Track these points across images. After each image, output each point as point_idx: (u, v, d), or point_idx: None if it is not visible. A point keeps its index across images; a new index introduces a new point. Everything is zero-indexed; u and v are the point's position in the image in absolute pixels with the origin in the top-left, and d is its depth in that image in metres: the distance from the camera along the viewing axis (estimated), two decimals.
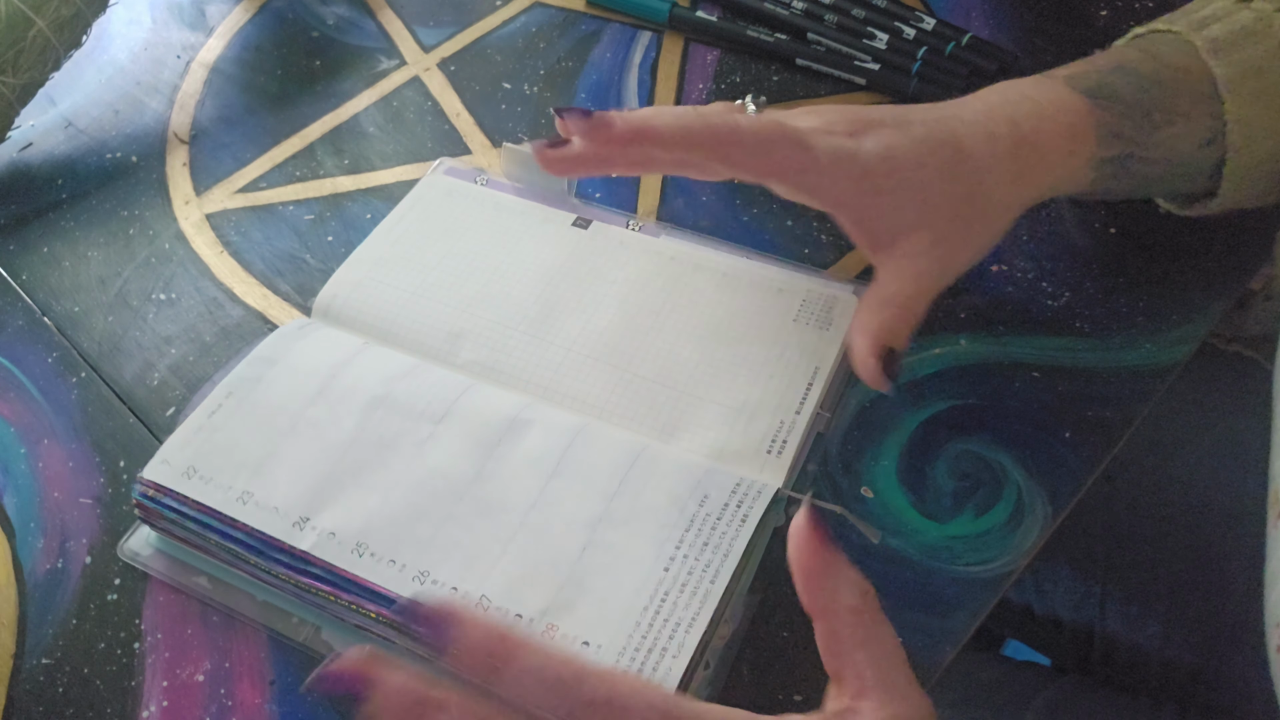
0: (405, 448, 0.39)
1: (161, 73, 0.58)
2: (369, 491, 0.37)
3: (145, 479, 0.38)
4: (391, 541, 0.36)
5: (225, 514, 0.37)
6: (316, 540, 0.36)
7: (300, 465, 0.38)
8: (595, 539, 0.36)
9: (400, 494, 0.37)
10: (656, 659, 0.33)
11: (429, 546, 0.36)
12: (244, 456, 0.38)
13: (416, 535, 0.36)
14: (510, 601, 0.34)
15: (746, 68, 0.55)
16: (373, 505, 0.37)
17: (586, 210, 0.48)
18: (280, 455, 0.38)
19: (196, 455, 0.39)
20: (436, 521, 0.36)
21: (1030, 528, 0.38)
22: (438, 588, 0.35)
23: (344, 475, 0.38)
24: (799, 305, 0.43)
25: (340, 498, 0.37)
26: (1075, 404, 0.41)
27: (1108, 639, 0.57)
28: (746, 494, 0.37)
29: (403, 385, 0.41)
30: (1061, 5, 0.56)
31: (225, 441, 0.39)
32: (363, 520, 0.37)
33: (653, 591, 0.34)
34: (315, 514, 0.37)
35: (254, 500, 0.37)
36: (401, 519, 0.37)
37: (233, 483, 0.38)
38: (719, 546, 0.36)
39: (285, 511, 0.37)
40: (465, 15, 0.59)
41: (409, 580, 0.35)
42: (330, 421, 0.39)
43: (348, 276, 0.46)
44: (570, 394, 0.41)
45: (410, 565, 0.35)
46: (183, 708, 0.36)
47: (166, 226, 0.51)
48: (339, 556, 0.36)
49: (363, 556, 0.36)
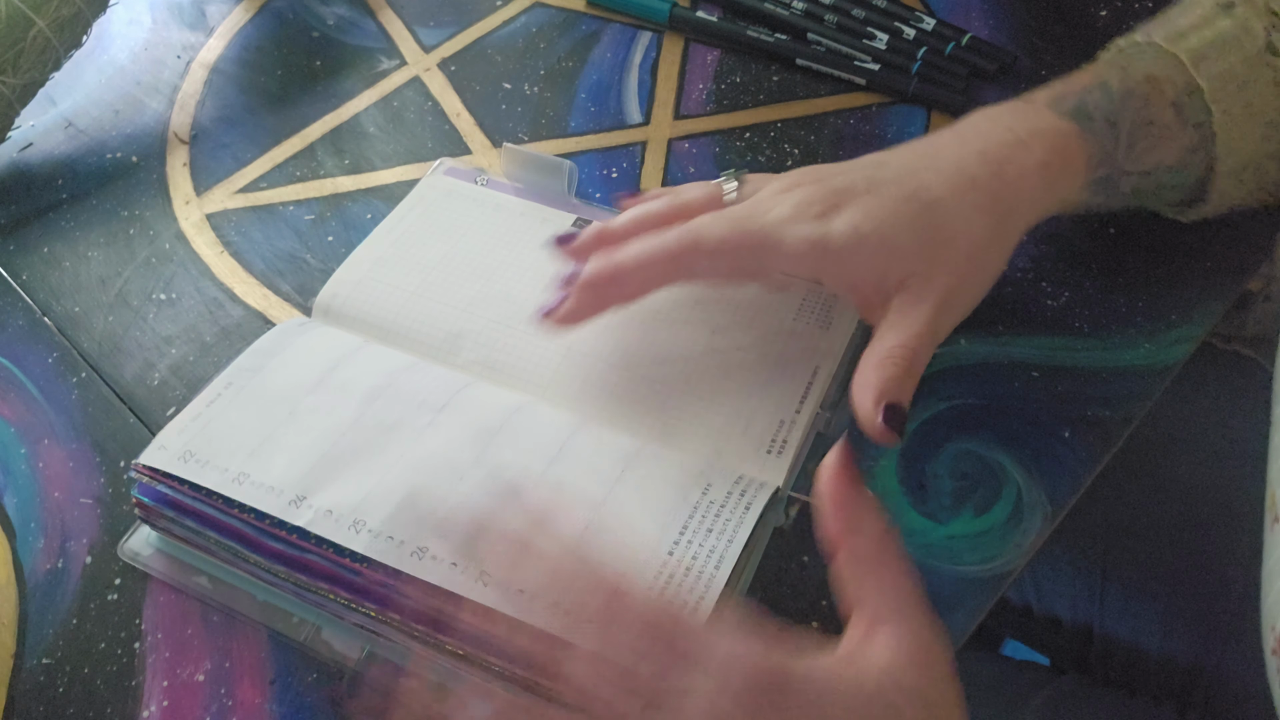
0: (405, 432, 0.38)
1: (162, 73, 0.58)
2: (368, 472, 0.37)
3: (141, 464, 0.38)
4: (389, 519, 0.36)
5: (221, 494, 0.37)
6: (313, 517, 0.36)
7: (298, 448, 0.38)
8: (598, 520, 0.36)
9: (399, 473, 0.37)
10: None
11: (427, 525, 0.36)
12: (242, 440, 0.38)
13: (416, 513, 0.36)
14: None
15: (746, 68, 0.55)
16: (371, 484, 0.37)
17: (586, 210, 0.48)
18: (278, 439, 0.38)
19: (193, 440, 0.38)
20: (437, 500, 0.36)
21: (1029, 527, 0.38)
22: (437, 564, 0.35)
23: (342, 457, 0.38)
24: (799, 305, 0.43)
25: (338, 478, 0.37)
26: (1074, 404, 0.41)
27: (1107, 637, 0.57)
28: (749, 486, 0.37)
29: (404, 378, 0.41)
30: (1061, 5, 0.56)
31: (223, 427, 0.39)
32: (360, 498, 0.36)
33: (656, 574, 0.34)
34: (312, 493, 0.36)
35: (250, 480, 0.37)
36: (401, 498, 0.36)
37: (229, 464, 0.37)
38: (723, 532, 0.36)
39: (282, 490, 0.37)
40: (465, 15, 0.59)
41: (407, 556, 0.35)
42: (330, 408, 0.39)
43: (348, 276, 0.46)
44: (570, 393, 0.41)
45: (409, 541, 0.35)
46: (183, 707, 0.37)
47: (167, 226, 0.51)
48: (336, 532, 0.35)
49: (360, 533, 0.35)
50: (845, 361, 0.42)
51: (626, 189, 0.50)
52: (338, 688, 0.36)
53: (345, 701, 0.35)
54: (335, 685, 0.36)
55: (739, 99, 0.53)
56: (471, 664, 0.34)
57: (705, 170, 0.50)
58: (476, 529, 0.32)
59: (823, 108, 0.53)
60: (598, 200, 0.49)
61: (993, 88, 0.52)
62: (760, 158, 0.51)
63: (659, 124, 0.53)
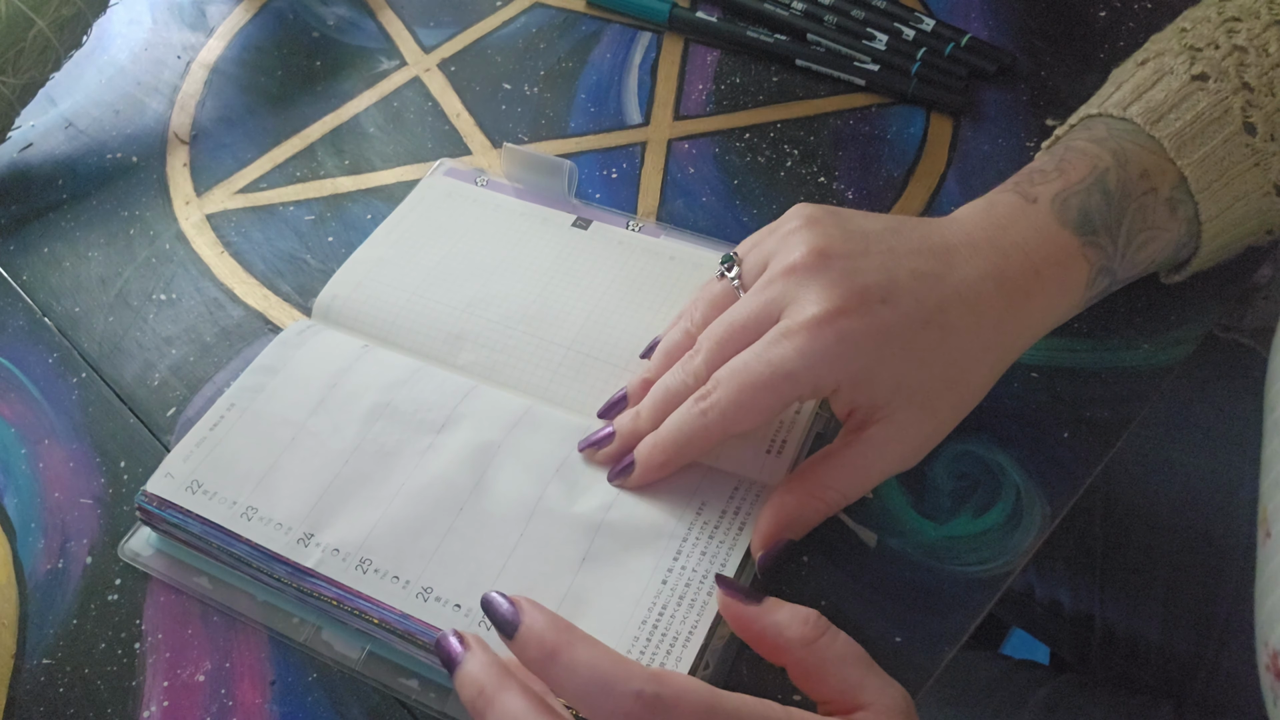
0: (406, 458, 0.39)
1: (162, 73, 0.58)
2: (371, 505, 0.38)
3: (149, 492, 0.38)
4: (395, 557, 0.36)
5: (229, 529, 0.37)
6: (321, 558, 0.36)
7: (302, 478, 0.38)
8: (594, 550, 0.36)
9: (401, 506, 0.37)
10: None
11: (431, 562, 0.36)
12: (247, 470, 0.39)
13: (419, 550, 0.36)
14: None
15: (746, 68, 0.55)
16: (375, 519, 0.37)
17: (586, 211, 0.48)
18: (282, 468, 0.39)
19: (199, 468, 0.39)
20: (439, 535, 0.37)
21: (1029, 528, 0.38)
22: (441, 605, 0.35)
23: (346, 488, 0.38)
24: None
25: (343, 511, 0.37)
26: (1074, 404, 0.41)
27: (1108, 625, 0.57)
28: (744, 500, 0.37)
29: (403, 393, 0.41)
30: (1061, 5, 0.56)
31: (228, 454, 0.39)
32: (365, 535, 0.37)
33: (650, 604, 0.35)
34: (319, 530, 0.37)
35: (258, 516, 0.37)
36: (404, 533, 0.37)
37: (236, 497, 0.38)
38: (716, 556, 0.36)
39: (289, 527, 0.37)
40: (465, 16, 0.59)
41: (412, 597, 0.35)
42: (331, 432, 0.40)
43: (348, 277, 0.46)
44: (570, 393, 0.41)
45: (414, 582, 0.36)
46: (183, 708, 0.37)
47: (167, 227, 0.51)
48: (343, 573, 0.36)
49: (367, 573, 0.36)
50: None
51: (627, 190, 0.50)
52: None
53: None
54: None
55: (739, 99, 0.54)
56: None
57: (705, 171, 0.50)
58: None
59: (822, 108, 0.53)
60: (598, 200, 0.49)
61: (992, 89, 0.52)
62: (760, 158, 0.51)
63: (659, 124, 0.53)
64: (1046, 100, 0.52)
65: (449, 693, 0.35)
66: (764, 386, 0.35)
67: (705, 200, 0.49)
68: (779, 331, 0.35)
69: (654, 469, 0.37)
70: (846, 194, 0.49)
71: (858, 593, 0.37)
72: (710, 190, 0.50)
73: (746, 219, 0.48)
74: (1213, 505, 0.54)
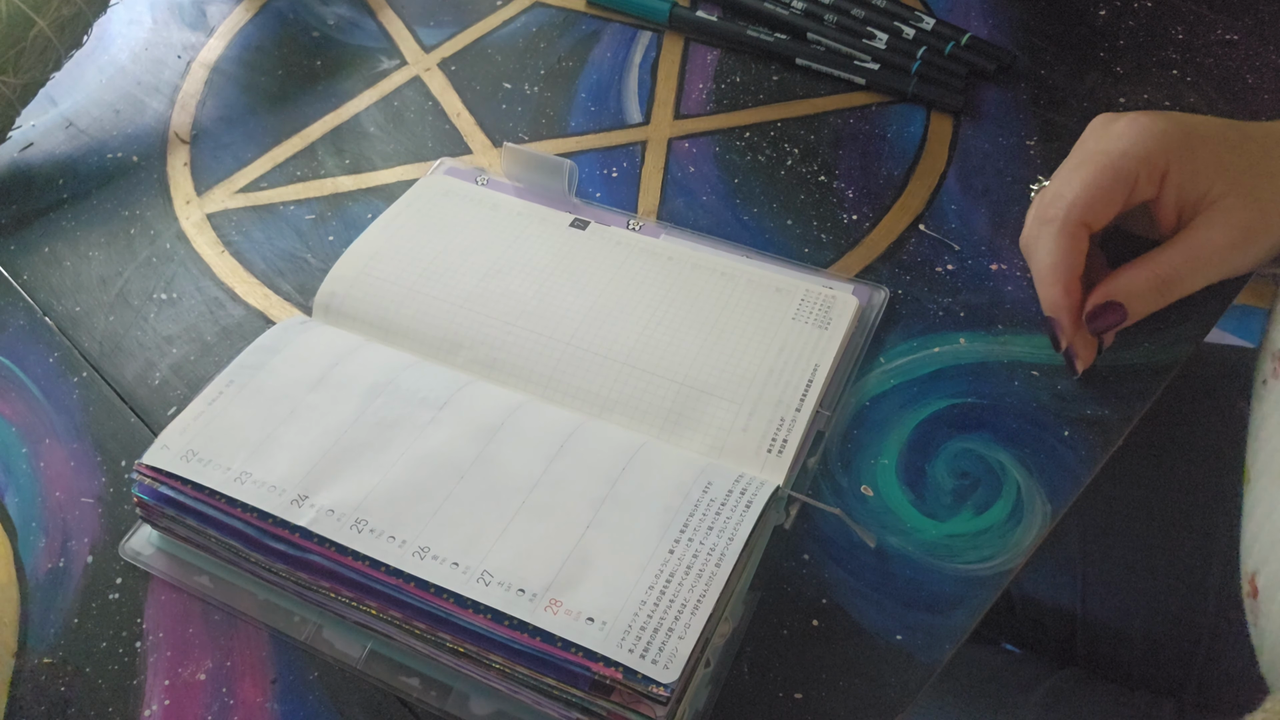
0: (406, 430, 0.38)
1: (162, 73, 0.58)
2: (369, 471, 0.37)
3: (143, 465, 0.38)
4: (391, 517, 0.36)
5: (223, 493, 0.37)
6: (315, 516, 0.36)
7: (300, 446, 0.38)
8: (599, 518, 0.36)
9: (400, 472, 0.37)
10: (663, 639, 0.33)
11: (429, 523, 0.36)
12: (244, 438, 0.38)
13: (417, 512, 0.36)
14: (512, 577, 0.34)
15: (746, 68, 0.55)
16: (372, 483, 0.37)
17: (586, 210, 0.48)
18: (280, 438, 0.38)
19: (196, 439, 0.38)
20: (437, 500, 0.36)
21: (1029, 526, 0.38)
22: (438, 563, 0.35)
23: (344, 455, 0.38)
24: (798, 304, 0.43)
25: (340, 476, 0.37)
26: (1074, 403, 0.41)
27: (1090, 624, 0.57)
28: (749, 485, 0.37)
29: (404, 375, 0.41)
30: (1060, 5, 0.56)
31: (225, 425, 0.39)
32: (362, 497, 0.36)
33: (658, 571, 0.34)
34: (314, 492, 0.37)
35: (252, 479, 0.37)
36: (402, 496, 0.36)
37: (231, 463, 0.38)
38: (724, 530, 0.36)
39: (283, 489, 0.37)
40: (466, 15, 0.59)
41: (409, 556, 0.35)
42: (331, 406, 0.39)
43: (344, 272, 0.46)
44: (569, 390, 0.41)
45: (410, 541, 0.35)
46: (184, 707, 0.37)
47: (168, 226, 0.51)
48: (337, 532, 0.35)
49: (361, 532, 0.35)
50: (844, 360, 0.42)
51: (627, 190, 0.50)
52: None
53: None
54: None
55: (739, 99, 0.54)
56: (474, 662, 0.34)
57: (706, 170, 0.50)
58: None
59: (822, 107, 0.53)
60: (598, 200, 0.49)
61: (992, 87, 0.53)
62: (760, 157, 0.51)
63: (659, 124, 0.53)
64: (1046, 99, 0.52)
65: (450, 691, 0.35)
66: (1107, 169, 0.39)
67: (705, 199, 0.49)
68: (1101, 121, 0.41)
69: (1050, 292, 0.40)
70: (847, 193, 0.49)
71: (859, 591, 0.37)
72: (710, 189, 0.50)
73: (746, 218, 0.48)
74: (1195, 500, 0.54)
